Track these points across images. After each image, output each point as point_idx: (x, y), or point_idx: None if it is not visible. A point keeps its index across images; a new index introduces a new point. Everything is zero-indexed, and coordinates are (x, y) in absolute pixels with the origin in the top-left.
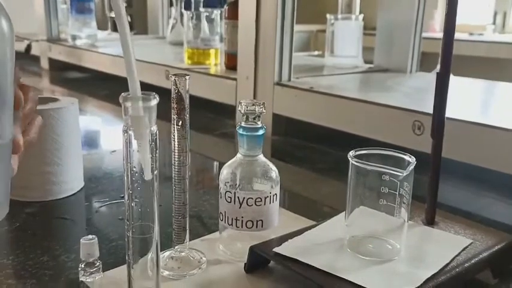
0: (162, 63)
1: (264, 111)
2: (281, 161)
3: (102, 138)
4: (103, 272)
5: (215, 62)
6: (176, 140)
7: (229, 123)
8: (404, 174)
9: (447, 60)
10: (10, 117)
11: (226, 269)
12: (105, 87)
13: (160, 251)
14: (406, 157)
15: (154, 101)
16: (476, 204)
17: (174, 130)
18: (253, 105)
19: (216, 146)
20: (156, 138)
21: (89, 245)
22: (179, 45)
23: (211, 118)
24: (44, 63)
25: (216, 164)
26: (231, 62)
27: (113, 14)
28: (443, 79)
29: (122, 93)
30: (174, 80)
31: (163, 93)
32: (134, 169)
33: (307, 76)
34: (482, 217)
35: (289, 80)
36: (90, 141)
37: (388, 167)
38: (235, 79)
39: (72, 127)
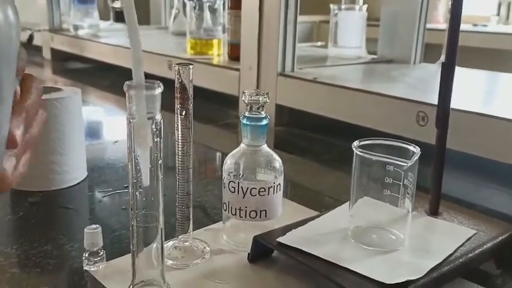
0: (164, 54)
1: (268, 101)
2: (284, 151)
3: (105, 128)
4: (107, 261)
5: (218, 53)
6: (180, 130)
7: (232, 113)
8: (409, 164)
9: (453, 49)
10: (7, 115)
11: (230, 259)
12: (107, 78)
13: (165, 240)
14: (411, 147)
15: (159, 90)
16: (479, 194)
17: (178, 120)
18: (257, 95)
19: (219, 136)
20: (160, 128)
21: (92, 234)
22: (182, 36)
23: (214, 109)
24: (46, 54)
25: (218, 154)
26: (234, 53)
27: (115, 4)
28: (449, 68)
29: (126, 82)
30: (178, 69)
31: (166, 83)
32: (138, 158)
33: (311, 67)
34: (485, 208)
35: (293, 70)
36: (93, 132)
37: (393, 157)
38: (238, 69)
39: (75, 117)
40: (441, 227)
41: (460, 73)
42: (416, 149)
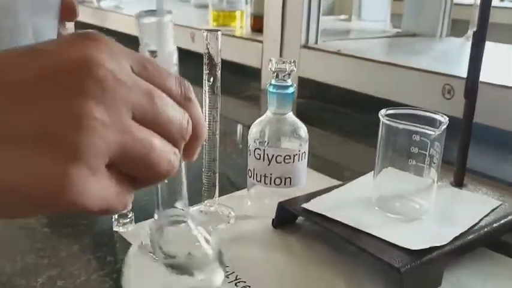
0: (187, 25)
1: (294, 69)
2: (306, 123)
3: None
4: (135, 223)
5: (241, 25)
6: (207, 96)
7: (254, 86)
8: (437, 133)
9: (485, 16)
10: (55, 23)
11: (254, 224)
12: (129, 48)
13: (190, 205)
14: (438, 116)
15: (169, 16)
16: (504, 169)
17: (205, 86)
18: (283, 62)
19: (241, 108)
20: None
21: None
22: (204, 8)
23: (236, 81)
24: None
25: (241, 126)
26: (257, 24)
27: None
28: (480, 36)
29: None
30: (206, 35)
31: (189, 56)
32: None
33: (334, 40)
34: (510, 182)
35: (316, 42)
36: None
37: (420, 126)
38: (261, 41)
39: None
40: (466, 197)
41: (488, 47)
42: (444, 118)
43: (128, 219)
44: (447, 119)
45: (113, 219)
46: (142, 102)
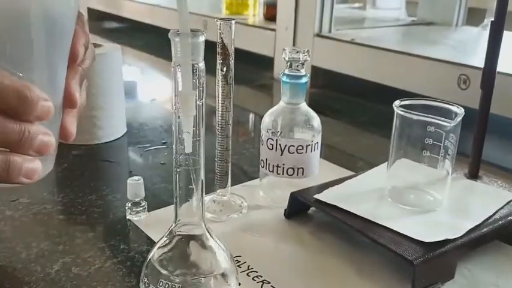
0: (199, 13)
1: (308, 58)
2: (319, 113)
3: (141, 87)
4: (148, 212)
5: (254, 13)
6: (220, 86)
7: (267, 75)
8: (452, 124)
9: (502, 7)
10: (64, 64)
11: (266, 214)
12: (143, 38)
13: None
14: (454, 108)
15: (202, 37)
16: None
17: (218, 75)
18: (297, 52)
19: (253, 97)
20: (203, 75)
21: (135, 185)
22: None
23: (249, 70)
24: (83, 12)
25: (254, 115)
26: (270, 12)
27: None
28: (498, 26)
29: (171, 30)
30: (220, 24)
31: None
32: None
33: (348, 28)
34: None
35: (330, 31)
36: (130, 90)
37: (435, 117)
38: (274, 30)
39: (116, 73)
40: (481, 189)
41: (505, 36)
42: (459, 110)
43: (141, 208)
44: (463, 110)
45: (127, 208)
46: None
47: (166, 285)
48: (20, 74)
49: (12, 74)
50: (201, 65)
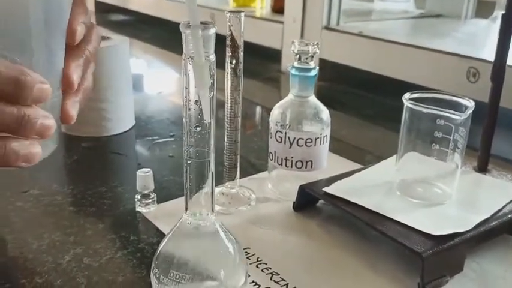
0: (207, 6)
1: (317, 51)
2: (326, 106)
3: (148, 79)
4: (157, 204)
5: (261, 5)
6: (229, 78)
7: (274, 68)
8: (462, 117)
9: None
10: (62, 44)
11: (275, 207)
12: (149, 30)
13: None
14: (464, 101)
15: (213, 30)
16: None
17: (228, 68)
18: (306, 45)
19: (261, 90)
20: (214, 68)
21: (145, 177)
22: None
23: (256, 63)
24: (90, 5)
25: (261, 108)
26: (278, 5)
27: None
28: (509, 19)
29: (182, 22)
30: (229, 17)
31: None
32: (200, 97)
33: (356, 21)
34: None
35: (338, 24)
36: (137, 83)
37: (445, 110)
38: (281, 22)
39: (124, 65)
40: (490, 183)
41: None
42: (470, 103)
43: (150, 200)
44: (473, 103)
45: (136, 200)
46: None
47: (177, 276)
48: (16, 59)
49: (6, 58)
50: (212, 57)
